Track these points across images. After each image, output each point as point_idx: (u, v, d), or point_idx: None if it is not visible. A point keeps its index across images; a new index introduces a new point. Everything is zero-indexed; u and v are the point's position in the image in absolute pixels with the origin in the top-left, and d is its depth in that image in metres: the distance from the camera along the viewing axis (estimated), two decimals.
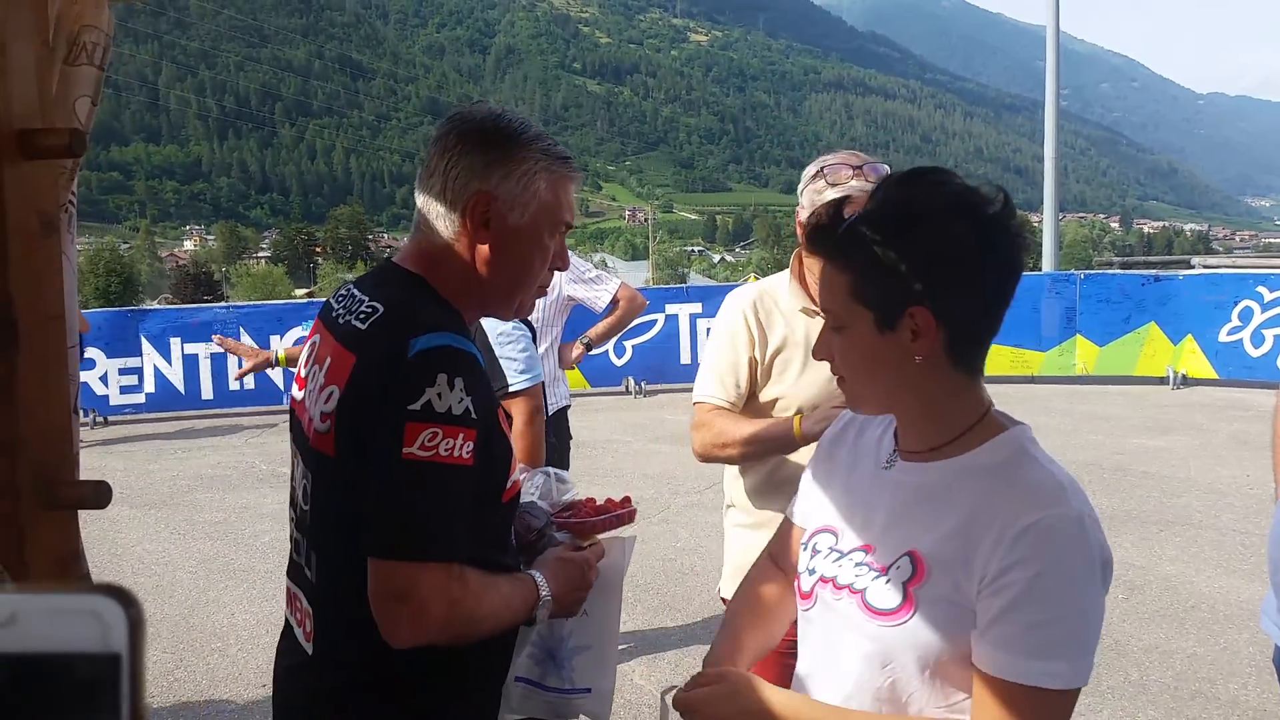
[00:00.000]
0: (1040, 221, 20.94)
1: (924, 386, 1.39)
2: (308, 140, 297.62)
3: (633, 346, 13.04)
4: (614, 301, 4.80)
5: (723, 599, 2.61)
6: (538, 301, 4.73)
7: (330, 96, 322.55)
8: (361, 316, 1.61)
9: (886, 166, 2.45)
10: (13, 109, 1.15)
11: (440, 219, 1.65)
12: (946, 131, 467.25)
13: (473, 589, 1.54)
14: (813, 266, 2.45)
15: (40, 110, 1.21)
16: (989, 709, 1.28)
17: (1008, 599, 1.26)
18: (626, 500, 1.97)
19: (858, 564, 1.44)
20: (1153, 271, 14.20)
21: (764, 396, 2.51)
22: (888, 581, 1.38)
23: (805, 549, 1.56)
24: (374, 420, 1.48)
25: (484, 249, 1.65)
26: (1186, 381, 12.84)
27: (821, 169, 2.44)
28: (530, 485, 1.90)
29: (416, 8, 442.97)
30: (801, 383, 2.48)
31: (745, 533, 2.59)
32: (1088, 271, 14.76)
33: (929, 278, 1.32)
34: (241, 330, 11.76)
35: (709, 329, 13.32)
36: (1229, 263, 25.28)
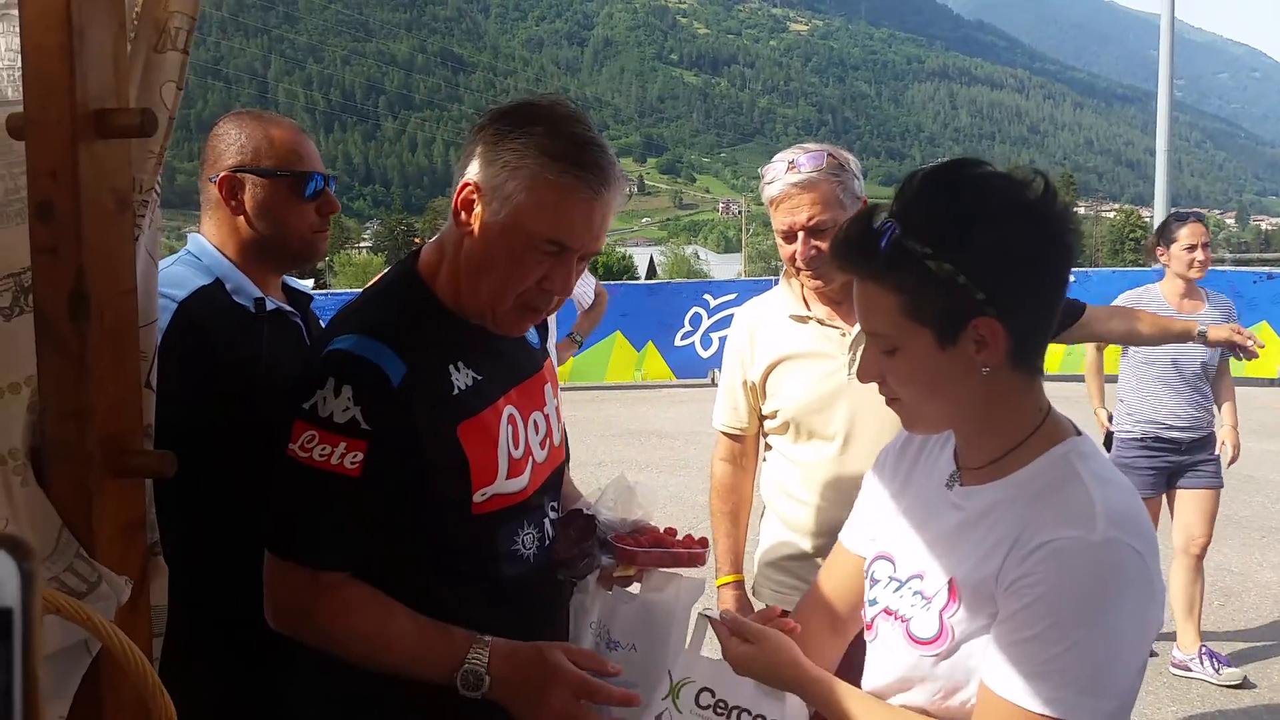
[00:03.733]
0: (1151, 216, 20.25)
1: (987, 397, 1.31)
2: (409, 133, 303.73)
3: (719, 339, 13.03)
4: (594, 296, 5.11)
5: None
6: None
7: (432, 90, 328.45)
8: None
9: (823, 154, 2.32)
10: (89, 90, 1.18)
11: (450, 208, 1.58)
12: (1055, 122, 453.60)
13: (339, 606, 1.47)
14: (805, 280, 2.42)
15: (115, 91, 1.24)
16: (980, 711, 1.25)
17: (1009, 611, 1.23)
18: (702, 541, 1.79)
19: (914, 592, 1.38)
20: (1266, 269, 13.61)
21: (765, 411, 2.52)
22: (928, 609, 1.34)
23: (867, 577, 1.50)
24: (287, 408, 1.50)
25: (466, 244, 1.54)
26: None
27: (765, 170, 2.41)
28: (607, 496, 1.80)
29: (517, 1, 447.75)
30: (788, 395, 2.44)
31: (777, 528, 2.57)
32: None
33: (995, 285, 1.24)
34: None
35: None
36: None
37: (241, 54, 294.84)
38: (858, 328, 2.32)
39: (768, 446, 2.59)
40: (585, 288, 5.02)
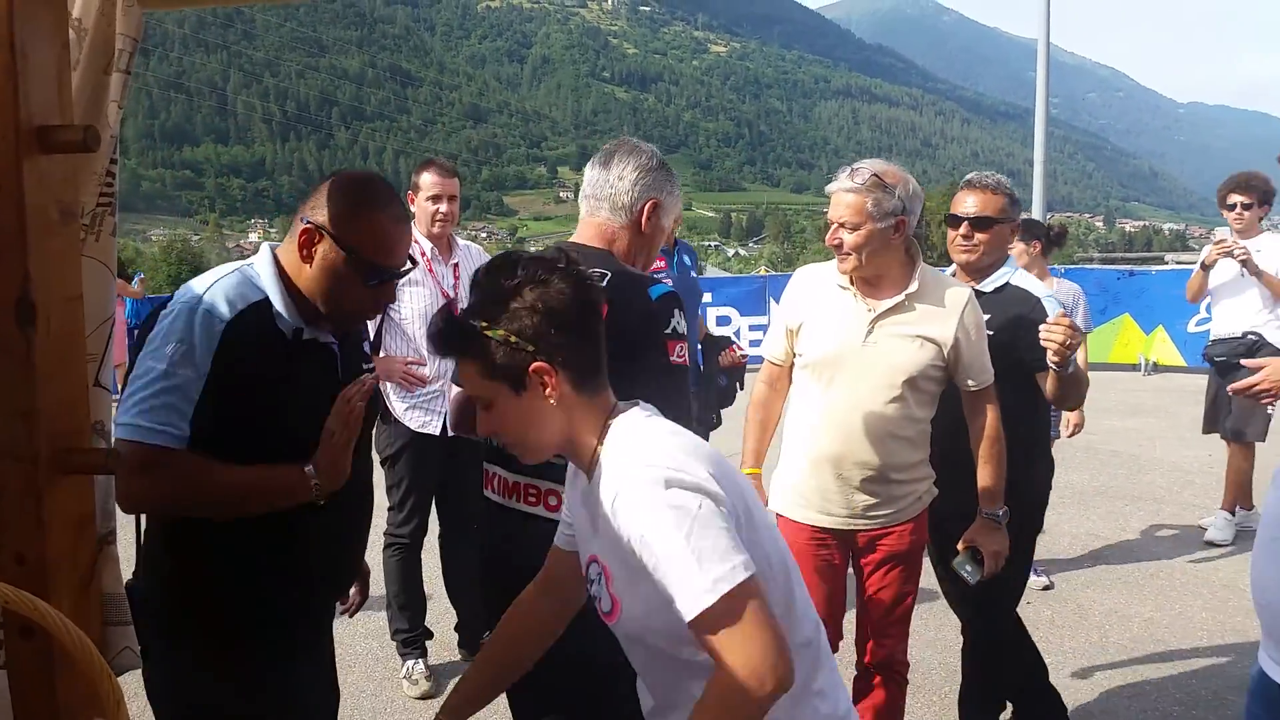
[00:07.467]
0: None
1: (567, 419, 1.49)
2: (361, 142, 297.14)
3: None
4: None
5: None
6: None
7: (382, 102, 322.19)
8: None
9: (872, 173, 2.66)
10: (31, 107, 1.15)
11: (619, 211, 2.23)
12: (945, 136, 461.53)
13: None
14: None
15: (59, 109, 1.21)
16: (705, 641, 1.35)
17: (649, 567, 1.36)
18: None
19: (592, 579, 1.55)
20: (1128, 267, 14.03)
21: (796, 352, 2.88)
22: (601, 587, 1.51)
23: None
24: (643, 343, 2.01)
25: (643, 235, 2.27)
26: (1157, 369, 12.71)
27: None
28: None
29: (461, 20, 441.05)
30: (810, 344, 2.81)
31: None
32: (1068, 266, 14.61)
33: (538, 338, 1.43)
34: None
35: (718, 318, 13.33)
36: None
37: (203, 68, 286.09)
38: (883, 305, 2.70)
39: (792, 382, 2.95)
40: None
